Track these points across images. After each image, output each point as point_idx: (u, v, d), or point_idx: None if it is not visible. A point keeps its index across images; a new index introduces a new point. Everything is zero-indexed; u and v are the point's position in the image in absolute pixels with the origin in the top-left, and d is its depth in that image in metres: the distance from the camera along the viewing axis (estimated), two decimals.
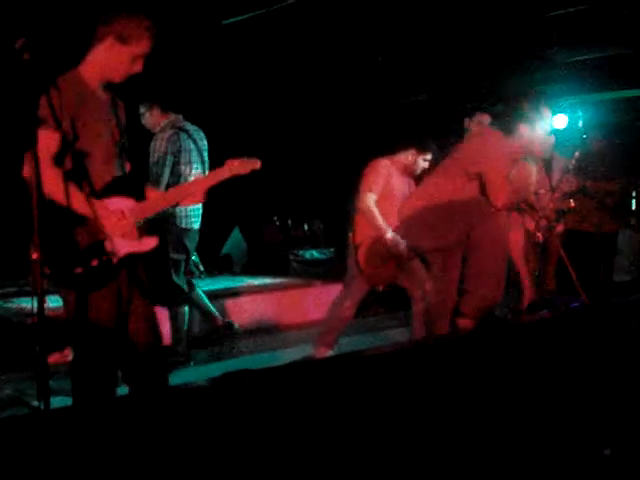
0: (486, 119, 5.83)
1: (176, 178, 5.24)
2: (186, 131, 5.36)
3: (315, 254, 8.45)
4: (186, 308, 5.51)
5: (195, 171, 5.33)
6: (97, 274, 3.08)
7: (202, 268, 7.48)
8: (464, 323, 3.85)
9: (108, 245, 3.08)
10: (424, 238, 4.47)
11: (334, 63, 7.87)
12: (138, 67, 3.17)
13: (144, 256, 3.25)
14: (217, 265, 8.56)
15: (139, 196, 3.28)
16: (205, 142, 5.51)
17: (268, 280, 7.64)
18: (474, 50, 7.59)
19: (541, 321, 3.13)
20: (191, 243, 5.48)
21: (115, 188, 3.17)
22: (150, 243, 3.26)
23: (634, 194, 8.19)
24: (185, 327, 5.49)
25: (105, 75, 3.18)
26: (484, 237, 3.90)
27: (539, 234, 6.17)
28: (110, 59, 3.13)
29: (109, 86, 3.25)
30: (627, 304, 3.62)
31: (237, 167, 3.39)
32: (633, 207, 8.41)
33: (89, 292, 3.07)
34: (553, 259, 6.49)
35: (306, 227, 8.99)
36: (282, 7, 5.99)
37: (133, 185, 3.29)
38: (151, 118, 5.45)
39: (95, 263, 3.06)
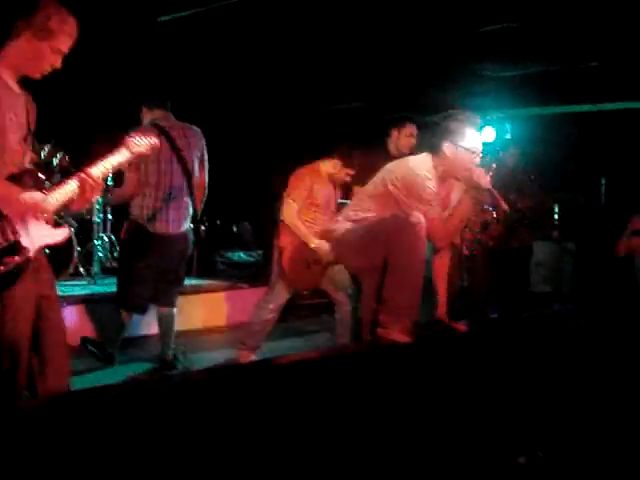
0: (414, 131, 5.80)
1: (144, 177, 5.13)
2: (161, 128, 5.12)
3: (242, 256, 8.41)
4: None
5: (168, 180, 5.18)
6: (13, 272, 3.00)
7: None
8: (381, 332, 3.87)
9: (23, 241, 3.00)
10: (354, 258, 4.47)
11: (269, 65, 7.86)
12: (57, 63, 3.09)
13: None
14: None
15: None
16: (193, 139, 5.32)
17: (194, 282, 7.57)
18: (407, 60, 7.68)
19: (458, 333, 3.17)
20: None
21: (27, 181, 3.11)
22: (61, 235, 3.23)
23: (556, 208, 8.42)
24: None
25: (22, 70, 3.10)
26: (403, 247, 3.92)
27: (464, 247, 6.27)
28: (28, 53, 3.06)
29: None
30: (544, 315, 3.71)
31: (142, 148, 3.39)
32: (555, 220, 8.66)
33: (7, 290, 2.99)
34: (482, 271, 6.59)
35: (234, 228, 8.94)
36: (216, 7, 5.96)
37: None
38: (142, 116, 5.34)
39: (10, 261, 2.97)
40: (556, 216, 8.83)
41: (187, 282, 5.96)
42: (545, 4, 5.88)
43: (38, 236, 3.09)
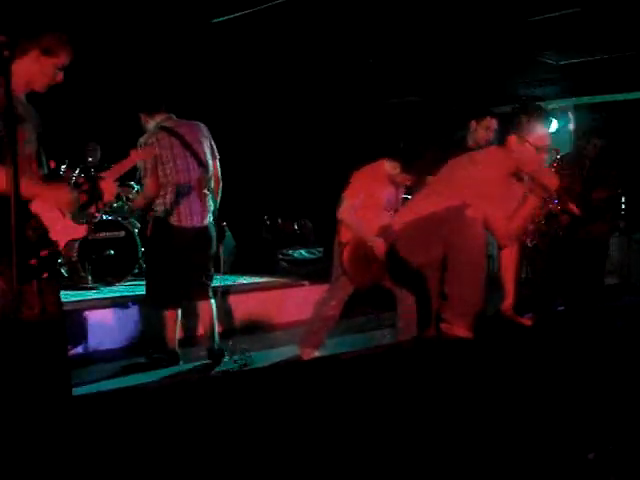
0: (494, 124, 5.73)
1: (163, 178, 5.29)
2: (168, 129, 5.34)
3: (304, 253, 8.42)
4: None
5: (186, 176, 5.36)
6: (45, 264, 3.27)
7: None
8: (445, 327, 3.83)
9: (52, 236, 3.29)
10: (414, 253, 4.42)
11: (328, 63, 7.85)
12: (59, 77, 3.42)
13: None
14: None
15: None
16: (200, 133, 5.48)
17: (256, 279, 7.62)
18: (466, 52, 7.58)
19: (522, 326, 3.12)
20: None
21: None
22: (82, 231, 3.47)
23: (623, 198, 8.20)
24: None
25: (29, 85, 3.40)
26: (462, 243, 3.86)
27: (528, 239, 6.16)
28: (35, 70, 3.37)
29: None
30: (612, 307, 3.61)
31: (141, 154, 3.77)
32: (622, 211, 8.43)
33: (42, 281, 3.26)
34: (544, 262, 6.47)
35: (295, 226, 8.96)
36: (272, 6, 5.97)
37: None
38: (145, 126, 5.48)
39: (44, 255, 3.26)
40: (623, 206, 8.61)
41: (249, 280, 6.03)
42: None
43: (65, 232, 3.36)
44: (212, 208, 5.53)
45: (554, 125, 7.94)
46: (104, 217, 6.95)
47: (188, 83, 7.54)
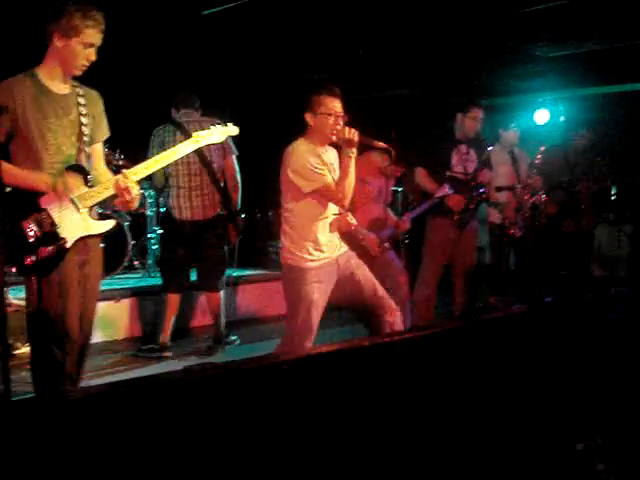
0: (480, 114, 5.76)
1: (168, 169, 5.47)
2: (178, 124, 5.50)
3: None
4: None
5: (186, 169, 5.52)
6: (51, 262, 3.24)
7: None
8: None
9: (60, 232, 3.25)
10: None
11: (312, 54, 7.83)
12: (92, 57, 3.28)
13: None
14: None
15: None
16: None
17: (248, 272, 7.61)
18: (456, 44, 7.57)
19: (511, 316, 3.12)
20: None
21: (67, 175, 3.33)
22: (101, 227, 3.45)
23: (613, 190, 8.22)
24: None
25: (62, 70, 3.32)
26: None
27: (515, 230, 6.19)
28: (62, 54, 3.26)
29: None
30: (600, 299, 3.62)
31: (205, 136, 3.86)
32: (611, 203, 8.45)
33: (46, 280, 3.25)
34: (530, 254, 6.51)
35: None
36: None
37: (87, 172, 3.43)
38: (172, 115, 5.75)
39: (47, 251, 3.23)
40: (613, 198, 8.63)
41: (240, 272, 6.05)
42: None
43: (77, 228, 3.31)
44: (220, 201, 5.62)
45: (545, 117, 8.00)
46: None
47: (176, 75, 7.52)
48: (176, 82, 6.87)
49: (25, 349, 5.19)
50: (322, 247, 4.18)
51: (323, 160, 4.18)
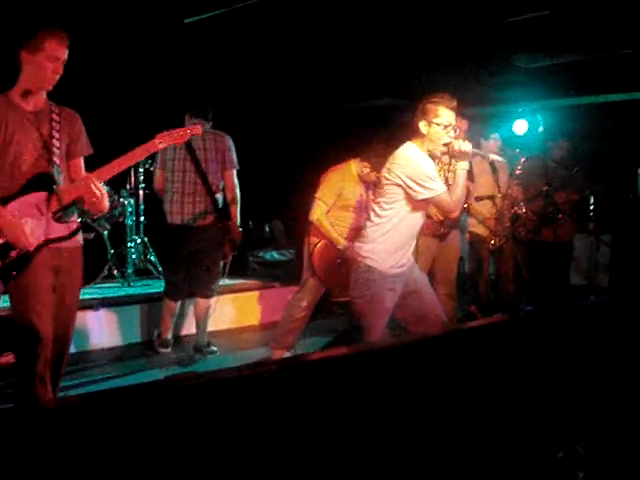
0: (464, 125, 5.76)
1: (167, 174, 5.70)
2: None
3: (275, 255, 8.39)
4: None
5: (180, 176, 5.65)
6: (15, 266, 3.36)
7: (160, 269, 7.39)
8: None
9: (22, 239, 3.36)
10: None
11: (296, 64, 7.83)
12: (58, 70, 3.46)
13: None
14: None
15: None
16: (212, 143, 5.68)
17: (227, 281, 7.58)
18: (435, 53, 7.61)
19: (492, 324, 3.13)
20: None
21: (34, 186, 3.46)
22: (67, 229, 3.55)
23: (591, 200, 8.29)
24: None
25: (33, 87, 3.48)
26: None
27: (494, 239, 6.22)
28: (30, 71, 3.44)
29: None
30: (580, 307, 3.64)
31: (167, 138, 3.61)
32: (591, 212, 8.52)
33: (14, 284, 3.38)
34: (509, 263, 6.53)
35: (267, 228, 8.93)
36: (245, 6, 5.95)
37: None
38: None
39: (11, 256, 3.35)
40: (591, 207, 8.70)
41: (221, 282, 6.04)
42: None
43: (40, 232, 3.43)
44: (214, 211, 5.69)
45: (524, 127, 8.05)
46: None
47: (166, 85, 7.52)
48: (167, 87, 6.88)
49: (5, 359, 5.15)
50: (405, 255, 4.18)
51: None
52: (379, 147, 5.29)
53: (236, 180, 5.73)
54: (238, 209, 5.72)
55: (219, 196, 5.71)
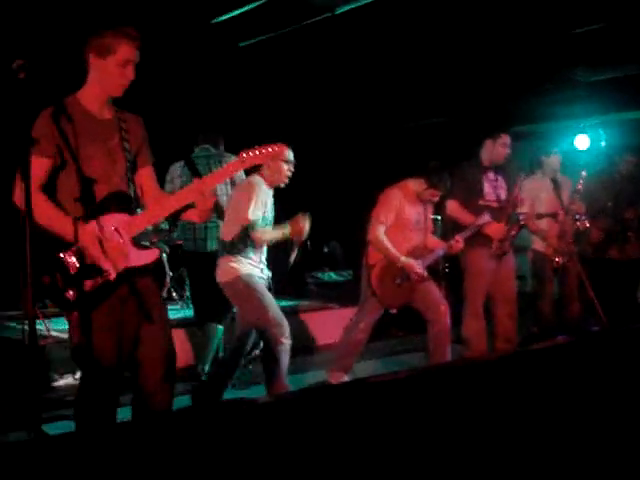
0: (509, 141, 5.67)
1: None
2: (188, 161, 5.66)
3: (333, 276, 8.36)
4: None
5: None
6: (95, 295, 3.07)
7: None
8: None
9: (103, 264, 3.08)
10: None
11: (352, 85, 7.83)
12: (130, 74, 3.16)
13: None
14: None
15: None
16: (217, 165, 5.60)
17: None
18: (494, 71, 7.52)
19: (556, 346, 3.02)
20: None
21: (111, 206, 3.16)
22: (149, 256, 3.22)
23: None
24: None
25: (103, 93, 3.21)
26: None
27: (558, 257, 6.06)
28: (99, 76, 3.17)
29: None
30: None
31: (251, 158, 3.26)
32: None
33: (89, 313, 3.04)
34: (574, 282, 6.34)
35: (325, 249, 8.91)
36: (296, 29, 5.97)
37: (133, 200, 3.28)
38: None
39: (90, 284, 3.06)
40: None
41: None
42: (633, 3, 5.66)
43: (121, 258, 3.11)
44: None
45: (586, 142, 7.87)
46: None
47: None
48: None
49: (63, 382, 5.18)
50: None
51: None
52: (436, 165, 5.22)
53: None
54: None
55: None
